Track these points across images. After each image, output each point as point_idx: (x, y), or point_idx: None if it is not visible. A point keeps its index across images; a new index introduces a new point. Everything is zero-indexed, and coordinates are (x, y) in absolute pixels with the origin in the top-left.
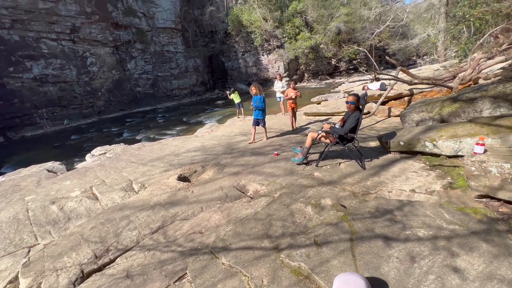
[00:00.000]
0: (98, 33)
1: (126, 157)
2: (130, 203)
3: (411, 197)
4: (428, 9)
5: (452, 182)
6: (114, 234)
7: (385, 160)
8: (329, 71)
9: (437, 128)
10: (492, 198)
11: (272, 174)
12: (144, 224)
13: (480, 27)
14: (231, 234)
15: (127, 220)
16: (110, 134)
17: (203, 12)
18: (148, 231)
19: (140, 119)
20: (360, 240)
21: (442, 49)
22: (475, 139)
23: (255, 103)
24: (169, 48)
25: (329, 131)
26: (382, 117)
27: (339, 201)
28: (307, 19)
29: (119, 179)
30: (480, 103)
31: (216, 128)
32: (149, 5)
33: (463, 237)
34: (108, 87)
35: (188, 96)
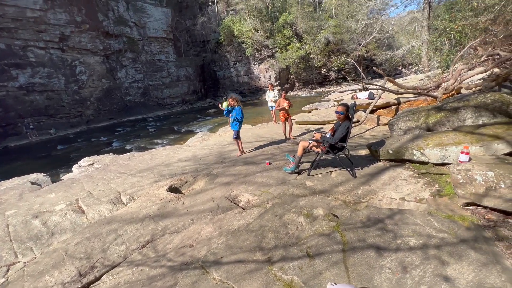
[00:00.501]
0: (88, 42)
1: (115, 167)
2: (118, 216)
3: (401, 205)
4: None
5: (440, 189)
6: (100, 250)
7: (375, 169)
8: (319, 80)
9: (423, 137)
10: (479, 206)
11: (264, 183)
12: (133, 238)
13: (460, 40)
14: (223, 247)
15: (114, 234)
16: (99, 143)
17: (195, 22)
18: (136, 246)
19: (130, 128)
20: (352, 251)
21: (426, 60)
22: (459, 147)
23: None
24: (160, 57)
25: (320, 140)
26: (371, 126)
27: (331, 211)
28: (297, 30)
29: (107, 191)
30: (463, 112)
31: (208, 137)
32: (140, 15)
33: (453, 245)
34: (97, 96)
35: (179, 104)
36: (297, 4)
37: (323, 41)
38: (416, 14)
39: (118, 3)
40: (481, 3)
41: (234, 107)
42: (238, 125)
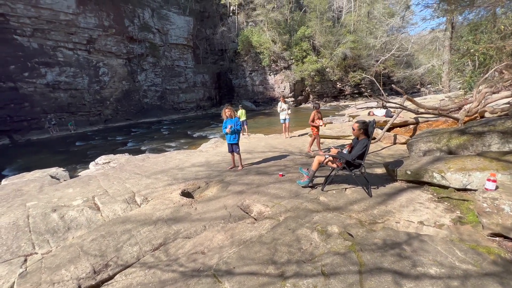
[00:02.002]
0: (113, 45)
1: (130, 167)
2: (132, 216)
3: (419, 229)
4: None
5: (461, 216)
6: (114, 249)
7: (392, 189)
8: (334, 94)
9: (445, 160)
10: (506, 238)
11: (277, 195)
12: (146, 240)
13: (484, 62)
14: (235, 257)
15: (128, 234)
16: (114, 142)
17: (215, 31)
18: (149, 248)
19: (145, 129)
20: (369, 273)
21: (446, 80)
22: (484, 174)
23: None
24: (179, 63)
25: (336, 155)
26: (387, 144)
27: (346, 229)
28: (315, 43)
29: (122, 190)
30: (488, 137)
31: (221, 144)
32: (164, 22)
33: (477, 278)
34: (117, 97)
35: (194, 110)
36: (316, 19)
37: (340, 56)
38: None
39: (144, 10)
40: (508, 26)
41: (230, 119)
42: (237, 138)
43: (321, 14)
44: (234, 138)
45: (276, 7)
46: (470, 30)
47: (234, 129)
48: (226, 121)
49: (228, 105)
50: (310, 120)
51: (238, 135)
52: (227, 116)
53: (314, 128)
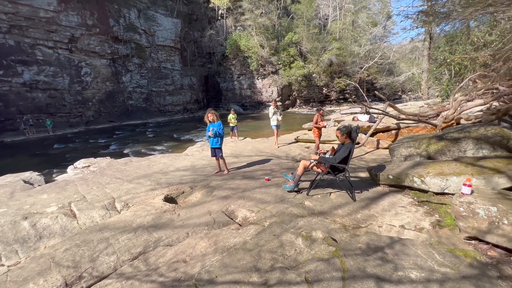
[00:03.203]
0: (96, 45)
1: (111, 172)
2: (111, 223)
3: (401, 233)
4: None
5: (440, 220)
6: (89, 259)
7: (375, 193)
8: (320, 99)
9: (424, 165)
10: (481, 241)
11: (262, 200)
12: (124, 249)
13: (459, 71)
14: (218, 265)
15: (105, 243)
16: (96, 145)
17: (203, 34)
18: (127, 257)
19: (129, 132)
20: (352, 279)
21: (425, 88)
22: (460, 178)
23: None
24: (166, 65)
25: (321, 160)
26: (371, 148)
27: (330, 234)
28: (302, 49)
29: (101, 196)
30: (464, 143)
31: (207, 148)
32: (150, 23)
33: (455, 281)
34: (100, 98)
35: (180, 112)
36: (303, 25)
37: (326, 62)
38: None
39: (130, 10)
40: (481, 39)
41: (213, 123)
42: (219, 141)
43: (308, 21)
44: (217, 142)
45: (264, 13)
46: (446, 41)
47: (216, 133)
48: (209, 125)
49: (211, 109)
50: (313, 123)
51: (221, 140)
52: (210, 120)
53: (316, 130)
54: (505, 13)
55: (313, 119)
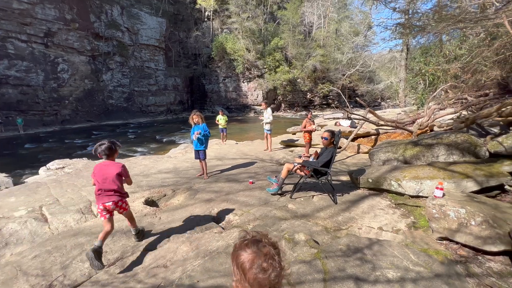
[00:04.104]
0: (75, 40)
1: (88, 173)
2: (87, 228)
3: (379, 235)
4: (391, 60)
5: (415, 221)
6: (61, 266)
7: (355, 196)
8: (304, 103)
9: (401, 169)
10: (451, 241)
11: (246, 203)
12: None
13: (433, 81)
14: (200, 269)
15: (80, 249)
16: (72, 146)
17: (189, 35)
18: (104, 263)
19: (109, 132)
20: (333, 280)
21: (402, 96)
22: (433, 182)
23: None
24: (149, 65)
25: (304, 163)
26: (352, 153)
27: (312, 236)
28: (287, 54)
29: (76, 198)
30: (436, 149)
31: (191, 150)
32: (134, 21)
33: (428, 280)
34: (77, 96)
35: (164, 113)
36: (288, 31)
37: (310, 68)
38: (395, 54)
39: (113, 7)
40: (452, 52)
41: (198, 125)
42: (205, 144)
43: (293, 27)
44: (201, 144)
45: (251, 17)
46: (421, 52)
47: (202, 134)
48: (194, 127)
49: (197, 111)
50: (302, 127)
51: (206, 142)
52: (195, 122)
53: (307, 135)
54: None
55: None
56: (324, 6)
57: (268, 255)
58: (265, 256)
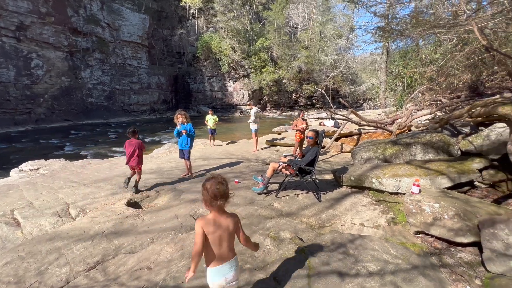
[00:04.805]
0: (51, 35)
1: (65, 175)
2: (64, 232)
3: (361, 231)
4: (372, 63)
5: (394, 217)
6: (36, 272)
7: (339, 194)
8: (289, 104)
9: (381, 167)
10: (427, 234)
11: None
12: (79, 259)
13: (411, 84)
14: (185, 270)
15: (56, 254)
16: (48, 146)
17: (173, 33)
18: (83, 267)
19: (88, 132)
20: (317, 276)
21: (383, 97)
22: (411, 179)
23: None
24: (132, 62)
25: (289, 162)
26: (335, 152)
27: (297, 234)
28: (273, 55)
29: (52, 201)
30: (414, 148)
31: (175, 150)
32: (115, 17)
33: (406, 271)
34: (53, 94)
35: (147, 113)
36: (274, 32)
37: (295, 69)
38: (376, 57)
39: (92, 1)
40: (428, 56)
41: (183, 124)
42: (190, 144)
43: (278, 28)
44: (186, 144)
45: (236, 16)
46: (400, 56)
47: (188, 133)
48: (181, 128)
49: (181, 110)
50: (293, 126)
51: (191, 142)
52: (180, 122)
53: (298, 134)
54: (446, 35)
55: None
56: (308, 8)
57: (220, 181)
58: (219, 181)
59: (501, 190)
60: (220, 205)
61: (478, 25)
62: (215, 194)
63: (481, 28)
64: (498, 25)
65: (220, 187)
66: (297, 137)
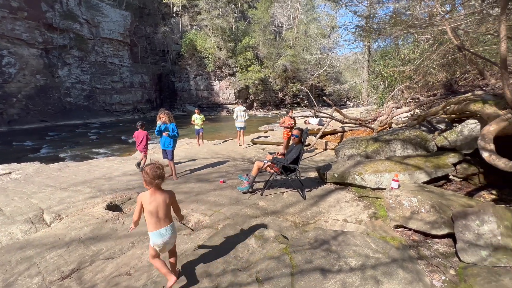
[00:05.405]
0: (23, 31)
1: (40, 179)
2: (36, 239)
3: (344, 226)
4: (355, 62)
5: (375, 212)
6: (4, 284)
7: (323, 190)
8: (276, 103)
9: (363, 164)
10: (405, 228)
11: (216, 203)
12: (53, 267)
13: (391, 82)
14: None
15: (27, 263)
16: (22, 149)
17: (156, 30)
18: (57, 277)
19: (67, 133)
20: (300, 274)
21: (365, 95)
22: (391, 175)
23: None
24: (113, 60)
25: (274, 161)
26: (320, 150)
27: (282, 232)
28: (258, 54)
29: (25, 207)
30: (393, 144)
31: (159, 150)
32: (94, 13)
33: (386, 265)
34: (28, 93)
35: (130, 112)
36: (259, 31)
37: (281, 68)
38: (359, 56)
39: None
40: (406, 56)
41: (165, 124)
42: (173, 144)
43: (264, 27)
44: (169, 144)
45: (221, 14)
46: (381, 55)
47: (171, 135)
48: (162, 126)
49: (164, 110)
50: (281, 123)
51: (174, 142)
52: (162, 122)
53: (285, 132)
54: (423, 35)
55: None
56: (293, 8)
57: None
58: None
59: (473, 183)
60: (157, 183)
61: (451, 25)
62: (154, 175)
63: (454, 29)
64: (470, 25)
65: (157, 171)
66: (285, 135)
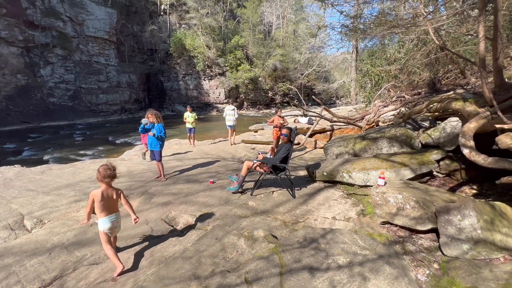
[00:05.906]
0: (2, 29)
1: (21, 183)
2: (16, 246)
3: (332, 224)
4: (343, 61)
5: (363, 209)
6: None
7: (312, 189)
8: (266, 102)
9: (351, 161)
10: (391, 224)
11: (206, 204)
12: (33, 276)
13: (378, 81)
14: (153, 278)
15: (5, 272)
16: (2, 151)
17: (144, 29)
18: (37, 285)
19: (50, 135)
20: (289, 273)
21: (353, 94)
22: (378, 172)
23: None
24: (99, 59)
25: (263, 160)
26: (310, 148)
27: (271, 232)
28: (248, 53)
29: (4, 213)
30: (380, 142)
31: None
32: (78, 11)
33: (373, 261)
34: (8, 94)
35: (118, 113)
36: (249, 30)
37: (271, 67)
38: (347, 56)
39: None
40: (392, 55)
41: (153, 124)
42: (161, 145)
43: (253, 26)
44: (156, 144)
45: (210, 13)
46: (368, 55)
47: (157, 135)
48: (148, 125)
49: (152, 110)
50: (269, 121)
51: (162, 142)
52: (150, 122)
53: (275, 131)
54: (407, 35)
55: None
56: (282, 7)
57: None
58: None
59: (456, 179)
60: (107, 182)
61: (433, 25)
62: (104, 175)
63: (436, 29)
64: (452, 26)
65: (108, 171)
66: (274, 134)
